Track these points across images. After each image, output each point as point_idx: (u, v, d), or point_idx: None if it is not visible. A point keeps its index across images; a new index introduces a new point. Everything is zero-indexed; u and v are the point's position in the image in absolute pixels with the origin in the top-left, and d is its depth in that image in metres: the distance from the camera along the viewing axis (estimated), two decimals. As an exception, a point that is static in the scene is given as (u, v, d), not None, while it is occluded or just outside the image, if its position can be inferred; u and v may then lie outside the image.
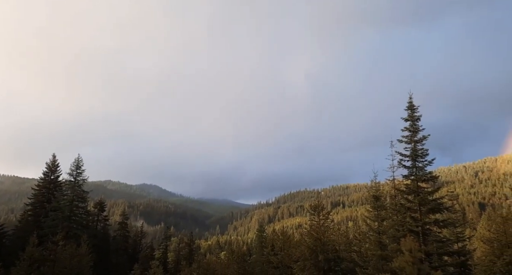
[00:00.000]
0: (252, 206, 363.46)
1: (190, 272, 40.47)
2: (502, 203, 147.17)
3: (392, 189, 27.00)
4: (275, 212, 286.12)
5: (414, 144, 25.18)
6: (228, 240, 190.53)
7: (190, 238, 58.57)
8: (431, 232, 24.58)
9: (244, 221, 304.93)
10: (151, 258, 49.89)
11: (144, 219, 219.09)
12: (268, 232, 50.25)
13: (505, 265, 17.03)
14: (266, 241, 41.86)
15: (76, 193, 44.00)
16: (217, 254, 71.28)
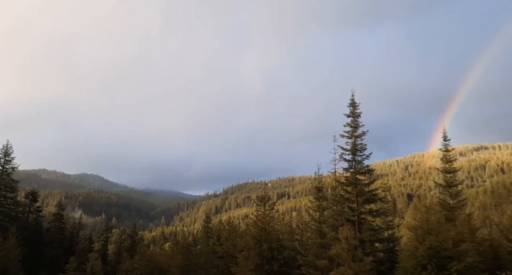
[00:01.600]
0: (199, 197, 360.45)
1: (132, 264, 39.28)
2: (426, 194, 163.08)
3: (333, 181, 28.56)
4: (223, 203, 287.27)
5: (354, 139, 26.83)
6: (174, 231, 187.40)
7: (133, 229, 56.59)
8: (365, 221, 26.55)
9: (191, 212, 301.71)
10: (89, 251, 47.42)
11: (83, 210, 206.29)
12: (215, 222, 50.36)
13: (426, 249, 19.04)
14: (212, 232, 41.97)
15: (3, 183, 40.17)
16: (162, 246, 69.89)
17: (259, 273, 25.68)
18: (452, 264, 18.33)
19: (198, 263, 38.62)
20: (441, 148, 32.43)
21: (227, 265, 33.20)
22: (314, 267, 22.78)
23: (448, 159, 31.75)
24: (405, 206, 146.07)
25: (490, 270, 21.24)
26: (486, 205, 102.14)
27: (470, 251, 20.31)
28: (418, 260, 19.19)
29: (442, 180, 32.19)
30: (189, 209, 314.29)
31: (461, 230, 24.47)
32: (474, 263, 19.66)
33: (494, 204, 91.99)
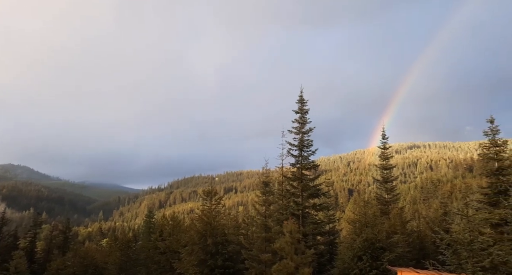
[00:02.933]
0: (142, 191, 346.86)
1: (64, 262, 36.45)
2: (365, 189, 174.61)
3: (280, 176, 28.96)
4: (167, 198, 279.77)
5: (301, 135, 27.41)
6: (113, 226, 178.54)
7: (66, 224, 52.48)
8: (309, 215, 27.38)
9: (132, 206, 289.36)
10: (14, 248, 43.15)
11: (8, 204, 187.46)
12: (158, 217, 48.67)
13: (363, 241, 20.14)
14: (154, 227, 40.47)
15: None
16: (98, 242, 65.93)
17: (202, 268, 25.26)
18: (385, 255, 19.60)
19: (138, 260, 37.05)
20: (379, 146, 34.56)
21: (169, 261, 32.26)
22: (257, 260, 22.93)
23: (386, 157, 33.96)
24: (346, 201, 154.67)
25: (416, 259, 23.12)
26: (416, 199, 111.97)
27: (400, 242, 21.93)
28: (355, 252, 20.23)
29: (380, 176, 34.37)
30: (130, 203, 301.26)
31: (394, 223, 26.35)
32: (403, 253, 21.27)
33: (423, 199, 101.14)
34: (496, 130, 26.85)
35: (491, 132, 26.98)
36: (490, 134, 27.14)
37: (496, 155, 26.55)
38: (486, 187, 27.17)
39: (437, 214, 34.59)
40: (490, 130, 27.03)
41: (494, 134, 26.85)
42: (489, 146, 27.04)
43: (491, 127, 27.00)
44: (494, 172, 26.45)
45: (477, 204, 26.14)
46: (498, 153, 26.52)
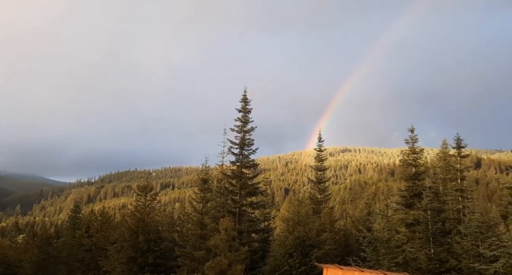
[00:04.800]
0: (69, 185, 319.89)
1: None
2: (300, 189, 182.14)
3: (219, 174, 28.94)
4: (98, 192, 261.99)
5: (243, 134, 27.70)
6: (31, 221, 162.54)
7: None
8: (246, 213, 27.80)
9: (56, 200, 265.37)
10: None
11: None
12: (85, 212, 45.38)
13: (295, 239, 21.06)
14: (81, 223, 37.63)
15: None
16: (13, 238, 59.32)
17: (131, 266, 24.21)
18: (313, 252, 20.73)
19: (59, 257, 34.23)
20: (315, 148, 36.39)
21: (94, 259, 30.34)
22: (191, 258, 22.67)
23: (320, 159, 35.86)
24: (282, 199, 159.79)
25: (341, 256, 24.84)
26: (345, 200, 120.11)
27: (328, 240, 23.37)
28: (287, 249, 21.05)
29: (314, 177, 36.18)
30: (54, 197, 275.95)
31: (324, 222, 27.98)
32: (330, 250, 22.71)
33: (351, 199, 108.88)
34: (415, 139, 30.04)
35: (411, 141, 30.14)
36: (410, 142, 30.30)
37: (414, 161, 29.70)
38: (404, 190, 30.25)
39: (362, 214, 37.47)
40: (410, 139, 30.18)
41: (413, 142, 30.04)
42: (409, 153, 30.16)
43: (411, 136, 30.14)
44: (411, 176, 29.56)
45: (396, 206, 28.97)
46: (415, 160, 29.70)
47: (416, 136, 30.15)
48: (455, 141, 30.57)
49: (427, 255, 20.90)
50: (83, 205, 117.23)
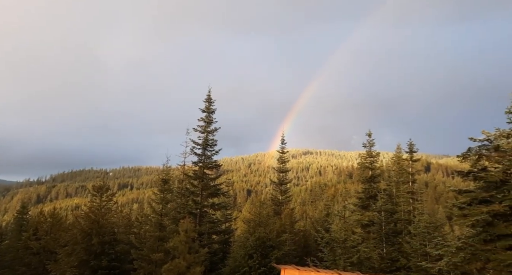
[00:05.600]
0: (17, 184, 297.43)
1: None
2: (263, 190, 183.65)
3: (181, 174, 28.44)
4: (48, 192, 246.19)
5: (206, 134, 27.45)
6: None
7: None
8: (207, 214, 27.54)
9: (1, 200, 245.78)
10: None
11: None
12: (34, 213, 42.43)
13: (255, 240, 21.19)
14: (28, 224, 35.14)
15: None
16: None
17: (83, 269, 23.02)
18: (273, 253, 20.99)
19: (2, 261, 31.77)
20: (278, 150, 36.90)
21: (42, 263, 28.49)
22: (148, 260, 21.98)
23: (283, 160, 36.41)
24: (244, 201, 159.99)
25: (300, 256, 25.36)
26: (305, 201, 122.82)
27: (288, 241, 23.78)
28: (247, 250, 21.13)
29: (276, 179, 36.65)
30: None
31: (284, 223, 28.42)
32: (289, 251, 23.12)
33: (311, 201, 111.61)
34: (372, 143, 31.56)
35: (368, 144, 31.62)
36: (367, 146, 31.79)
37: (370, 164, 31.15)
38: (361, 192, 31.61)
39: (321, 215, 38.49)
40: (368, 143, 31.66)
41: (370, 146, 31.53)
42: (366, 156, 31.61)
43: (368, 140, 31.64)
44: (368, 179, 30.98)
45: (353, 207, 30.15)
46: (372, 163, 31.17)
47: (373, 140, 31.67)
48: (408, 146, 32.49)
49: (380, 254, 21.95)
50: (32, 206, 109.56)
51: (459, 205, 13.91)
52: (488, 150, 14.03)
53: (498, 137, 13.90)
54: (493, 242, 12.23)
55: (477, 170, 13.88)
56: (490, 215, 12.40)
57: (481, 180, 13.57)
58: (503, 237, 12.13)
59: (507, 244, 11.84)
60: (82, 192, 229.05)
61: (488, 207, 12.64)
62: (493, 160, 14.03)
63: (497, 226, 12.38)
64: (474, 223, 12.68)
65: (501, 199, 12.66)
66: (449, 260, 12.36)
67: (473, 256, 12.15)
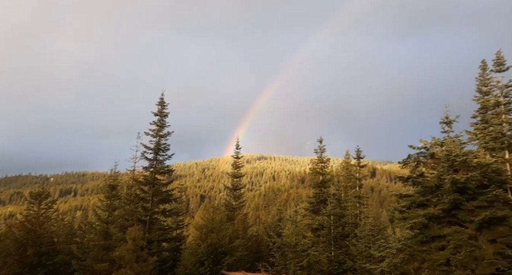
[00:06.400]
0: None
1: None
2: (216, 196, 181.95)
3: (130, 180, 27.25)
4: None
5: (159, 138, 26.63)
6: None
7: None
8: (157, 221, 26.59)
9: None
10: None
11: None
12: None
13: (207, 246, 20.87)
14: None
15: None
16: None
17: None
18: (225, 259, 20.80)
19: None
20: (233, 155, 36.87)
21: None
22: (91, 271, 20.66)
23: (237, 166, 36.42)
24: (197, 206, 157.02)
25: (252, 262, 25.42)
26: (259, 206, 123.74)
27: (241, 246, 23.71)
28: (198, 257, 20.72)
29: (230, 184, 36.52)
30: None
31: (237, 228, 28.34)
32: (242, 257, 23.06)
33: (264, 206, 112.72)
34: (323, 149, 32.83)
35: (320, 150, 32.84)
36: (318, 152, 33.00)
37: (321, 170, 32.33)
38: (312, 197, 32.65)
39: (274, 220, 39.02)
40: (319, 149, 32.86)
41: (321, 152, 32.77)
42: (317, 162, 32.76)
43: (320, 146, 32.87)
44: (318, 184, 32.09)
45: (304, 212, 30.99)
46: (323, 169, 32.37)
47: (324, 146, 32.93)
48: (355, 152, 34.27)
49: (328, 257, 22.75)
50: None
51: (400, 208, 14.91)
52: (425, 157, 15.26)
53: (434, 145, 15.18)
54: (428, 243, 13.25)
55: (415, 175, 15.00)
56: (426, 217, 13.44)
57: (419, 185, 14.68)
58: (437, 238, 13.19)
59: (440, 245, 12.90)
60: (18, 199, 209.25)
61: (424, 210, 13.69)
62: (429, 167, 15.26)
63: (432, 228, 13.45)
64: (412, 226, 13.65)
65: (436, 203, 13.78)
66: (390, 261, 13.17)
67: (411, 256, 13.06)
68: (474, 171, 13.51)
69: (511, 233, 12.27)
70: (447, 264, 12.29)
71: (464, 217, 12.94)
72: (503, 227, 12.46)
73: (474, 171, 13.50)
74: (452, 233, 12.50)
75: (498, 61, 19.26)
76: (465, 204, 13.05)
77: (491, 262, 11.57)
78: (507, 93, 18.98)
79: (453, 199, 13.00)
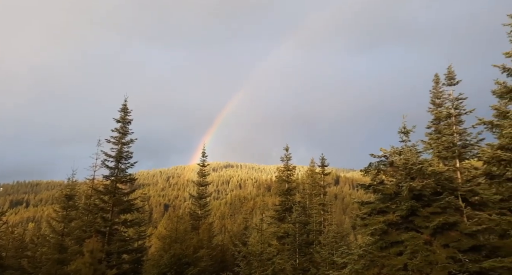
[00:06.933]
0: None
1: None
2: (181, 205, 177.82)
3: (89, 189, 26.02)
4: None
5: (121, 146, 25.71)
6: None
7: None
8: (117, 232, 25.49)
9: None
10: None
11: None
12: None
13: (170, 257, 20.26)
14: None
15: None
16: None
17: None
18: (189, 270, 20.31)
19: None
20: (199, 163, 36.35)
21: None
22: (43, 288, 19.31)
23: (203, 174, 35.94)
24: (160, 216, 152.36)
25: (216, 272, 25.00)
26: (225, 215, 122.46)
27: (205, 256, 23.28)
28: (161, 269, 20.04)
29: (196, 192, 35.91)
30: None
31: (202, 238, 27.82)
32: (206, 267, 22.62)
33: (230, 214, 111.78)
34: (289, 156, 33.30)
35: (286, 158, 33.28)
36: (284, 160, 33.41)
37: (287, 177, 32.73)
38: (278, 205, 32.88)
39: (239, 228, 38.83)
40: (285, 156, 33.29)
41: (287, 160, 33.22)
42: (283, 170, 33.15)
43: (286, 154, 33.32)
44: (284, 192, 32.42)
45: (270, 219, 31.13)
46: (288, 176, 32.79)
47: (290, 154, 33.44)
48: (320, 160, 35.09)
49: (293, 265, 22.91)
50: None
51: (361, 215, 15.39)
52: (385, 165, 15.92)
53: (393, 154, 15.89)
54: (387, 248, 13.76)
55: (376, 183, 15.59)
56: (385, 224, 13.96)
57: (379, 193, 15.26)
58: (395, 244, 13.74)
59: (398, 250, 13.44)
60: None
61: (384, 217, 14.23)
62: (388, 174, 15.93)
63: (391, 234, 14.00)
64: (373, 232, 14.12)
65: (395, 210, 14.38)
66: (352, 268, 13.50)
67: (371, 262, 13.48)
68: (429, 178, 14.30)
69: (462, 238, 13.05)
70: (405, 269, 12.81)
71: (420, 223, 13.59)
72: (455, 232, 13.24)
73: (429, 178, 14.29)
74: (409, 238, 13.08)
75: (449, 75, 20.66)
76: (421, 210, 13.73)
77: (444, 266, 12.21)
78: (457, 105, 20.38)
79: (410, 206, 13.64)
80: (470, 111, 19.89)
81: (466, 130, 19.79)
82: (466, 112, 20.02)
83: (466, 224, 13.60)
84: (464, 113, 20.09)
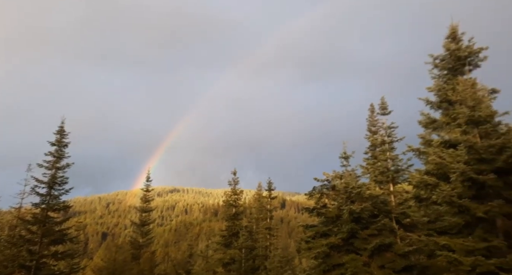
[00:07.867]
0: None
1: None
2: (121, 233, 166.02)
3: (14, 219, 23.43)
4: None
5: (55, 171, 23.81)
6: None
7: None
8: (46, 266, 23.05)
9: None
10: None
11: None
12: None
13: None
14: None
15: None
16: None
17: None
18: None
19: None
20: (142, 188, 34.76)
21: None
22: None
23: (147, 199, 34.36)
24: (97, 246, 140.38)
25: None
26: (169, 242, 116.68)
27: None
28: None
29: (138, 219, 34.04)
30: None
31: (143, 268, 26.23)
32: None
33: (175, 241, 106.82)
34: (237, 181, 33.30)
35: (233, 182, 33.21)
36: (232, 184, 33.31)
37: (234, 202, 32.53)
38: (225, 230, 32.30)
39: (184, 256, 37.28)
40: (233, 181, 33.23)
41: (235, 184, 33.16)
42: (231, 194, 32.96)
43: (233, 178, 33.29)
44: (231, 216, 32.07)
45: (216, 246, 30.39)
46: (236, 201, 32.62)
47: (238, 178, 33.49)
48: (267, 184, 35.59)
49: (239, 292, 22.44)
50: None
51: (306, 239, 15.80)
52: (327, 189, 16.71)
53: (335, 178, 16.78)
54: (330, 271, 14.21)
55: (319, 206, 16.23)
56: (328, 247, 14.49)
57: (322, 216, 15.88)
58: (337, 267, 14.25)
59: (340, 273, 13.95)
60: None
61: (327, 240, 14.77)
62: (331, 198, 16.71)
63: (333, 257, 14.52)
64: (316, 255, 14.53)
65: (337, 232, 15.02)
66: (296, 291, 13.64)
67: (315, 286, 13.80)
68: (366, 202, 15.27)
69: (396, 258, 13.97)
70: (346, 291, 13.30)
71: (359, 245, 14.32)
72: (390, 253, 14.15)
73: (367, 202, 15.27)
74: (349, 260, 13.68)
75: (382, 105, 22.74)
76: (360, 233, 14.51)
77: (381, 286, 12.93)
78: (390, 133, 22.38)
79: (350, 228, 14.36)
80: (401, 138, 21.96)
81: (398, 156, 21.69)
82: (397, 139, 22.06)
83: (400, 245, 14.62)
84: (396, 140, 22.10)
